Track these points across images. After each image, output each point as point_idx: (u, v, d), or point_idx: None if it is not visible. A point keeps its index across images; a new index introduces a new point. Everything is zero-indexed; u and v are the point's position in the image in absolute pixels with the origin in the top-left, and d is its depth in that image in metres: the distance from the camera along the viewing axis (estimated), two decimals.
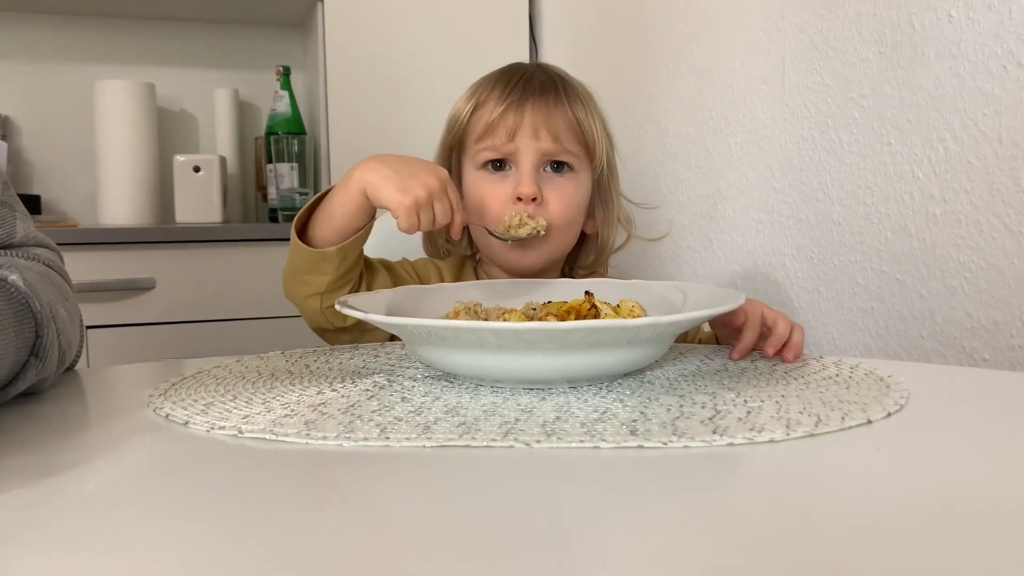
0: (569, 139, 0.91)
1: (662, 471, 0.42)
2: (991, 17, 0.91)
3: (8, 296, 0.55)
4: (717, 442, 0.46)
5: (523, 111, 0.89)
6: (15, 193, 0.72)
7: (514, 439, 0.46)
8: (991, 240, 0.92)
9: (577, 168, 0.92)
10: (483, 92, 0.92)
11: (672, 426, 0.49)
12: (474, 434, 0.47)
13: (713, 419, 0.50)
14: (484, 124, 0.90)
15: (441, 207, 0.80)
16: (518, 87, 0.90)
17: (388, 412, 0.53)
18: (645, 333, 0.57)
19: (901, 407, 0.54)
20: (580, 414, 0.52)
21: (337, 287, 0.83)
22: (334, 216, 0.81)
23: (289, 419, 0.51)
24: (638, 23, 1.57)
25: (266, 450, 0.47)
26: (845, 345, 1.12)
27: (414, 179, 0.79)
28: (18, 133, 1.92)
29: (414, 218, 0.78)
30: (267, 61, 2.05)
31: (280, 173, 1.81)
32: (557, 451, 0.45)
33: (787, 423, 0.49)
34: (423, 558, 0.32)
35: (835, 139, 1.12)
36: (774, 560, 0.31)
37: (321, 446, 0.47)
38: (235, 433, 0.49)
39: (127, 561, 0.32)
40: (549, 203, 0.90)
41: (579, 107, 0.92)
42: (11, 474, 0.43)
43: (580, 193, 0.93)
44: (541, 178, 0.90)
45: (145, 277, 1.56)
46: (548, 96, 0.90)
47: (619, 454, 0.44)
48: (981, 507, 0.37)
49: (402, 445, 0.46)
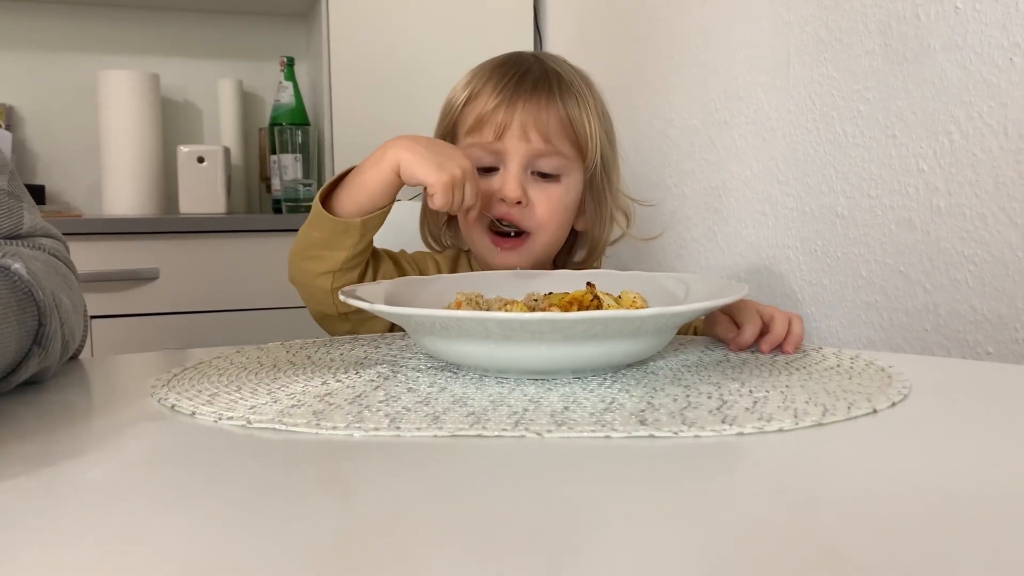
0: (560, 139, 0.90)
1: (672, 460, 0.42)
2: (997, 9, 0.90)
3: (11, 285, 0.55)
4: (727, 431, 0.46)
5: (514, 109, 0.88)
6: (22, 183, 0.72)
7: (524, 429, 0.46)
8: (996, 233, 0.91)
9: (567, 171, 0.91)
10: (478, 83, 0.92)
11: (681, 415, 0.49)
12: (484, 424, 0.47)
13: (721, 408, 0.50)
14: (475, 118, 0.90)
15: (471, 188, 0.82)
16: (511, 83, 0.89)
17: (395, 402, 0.53)
18: (650, 324, 0.57)
19: (905, 396, 0.54)
20: (588, 404, 0.52)
21: (350, 267, 0.84)
22: (361, 191, 0.82)
23: (297, 409, 0.51)
24: (642, 14, 1.56)
25: (274, 440, 0.47)
26: (848, 338, 1.12)
27: (449, 159, 0.81)
28: (22, 123, 1.92)
29: (450, 194, 0.80)
30: (271, 52, 2.05)
31: (284, 164, 1.81)
32: (568, 440, 0.45)
33: (795, 413, 0.49)
34: (435, 547, 0.32)
35: (840, 131, 1.12)
36: (782, 548, 0.31)
37: (331, 436, 0.47)
38: (244, 423, 0.49)
39: (130, 550, 0.32)
40: (535, 206, 0.89)
41: (573, 104, 0.91)
42: (14, 462, 0.43)
43: (568, 196, 0.92)
44: (528, 180, 0.90)
45: (149, 267, 1.56)
46: (540, 94, 0.89)
47: (629, 443, 0.44)
48: (984, 499, 0.37)
49: (413, 435, 0.46)
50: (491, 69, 0.93)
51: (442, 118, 0.96)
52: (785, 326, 0.71)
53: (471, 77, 0.94)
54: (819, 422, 0.48)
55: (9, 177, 0.70)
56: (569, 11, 1.86)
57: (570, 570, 0.30)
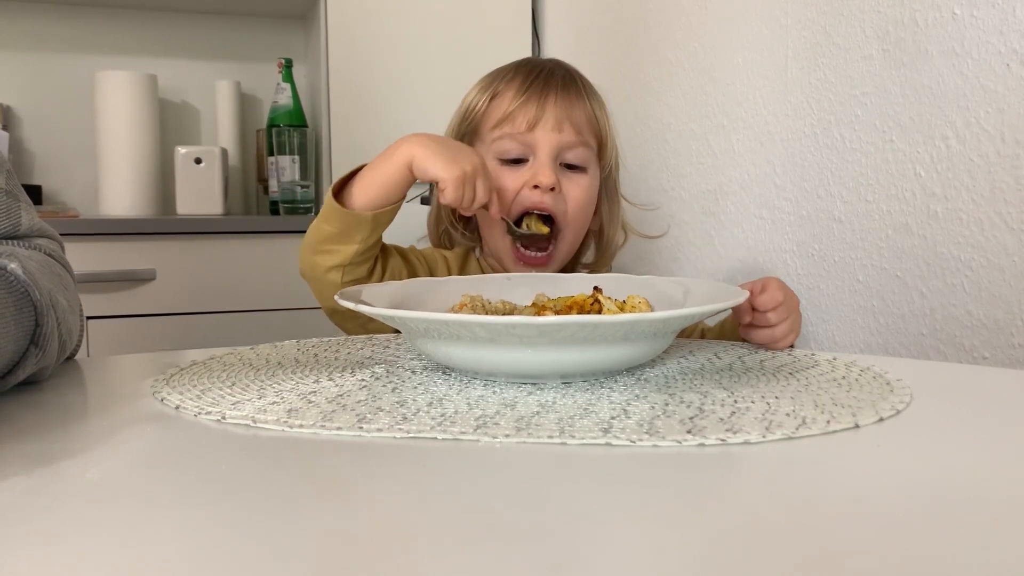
0: (588, 133, 0.93)
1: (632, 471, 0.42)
2: (995, 15, 0.91)
3: (8, 285, 0.55)
4: (732, 440, 0.45)
5: (545, 103, 0.91)
6: (19, 183, 0.72)
7: (484, 433, 0.46)
8: (992, 238, 0.92)
9: (591, 164, 0.94)
10: (500, 83, 0.94)
11: (649, 425, 0.48)
12: (447, 427, 0.47)
13: (732, 416, 0.50)
14: (503, 112, 0.92)
15: (483, 185, 0.83)
16: (539, 79, 0.92)
17: (373, 402, 0.53)
18: (639, 329, 0.56)
19: (906, 404, 0.53)
20: (561, 411, 0.51)
21: (360, 261, 0.85)
22: (373, 185, 0.83)
23: (277, 406, 0.52)
24: (641, 19, 1.56)
25: (246, 436, 0.47)
26: (845, 342, 1.12)
27: (461, 154, 0.82)
28: (20, 123, 1.92)
29: (461, 190, 0.81)
30: (269, 53, 2.05)
31: (281, 166, 1.81)
32: (525, 446, 0.45)
33: (768, 424, 0.49)
34: (435, 547, 0.32)
35: (837, 136, 1.12)
36: (776, 555, 0.31)
37: (299, 434, 0.47)
38: (219, 419, 0.50)
39: (126, 550, 0.32)
40: (568, 193, 0.91)
41: (597, 104, 0.95)
42: (11, 462, 0.43)
43: (592, 190, 0.95)
44: (559, 170, 0.92)
45: (146, 268, 1.56)
46: (570, 90, 0.93)
47: (585, 451, 0.44)
48: (980, 504, 0.37)
49: (372, 435, 0.47)
50: (512, 70, 0.95)
51: (460, 121, 0.97)
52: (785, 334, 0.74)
53: (489, 81, 0.96)
54: (791, 436, 0.47)
55: (6, 176, 0.69)
56: (567, 14, 1.86)
57: (570, 570, 0.30)
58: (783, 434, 0.46)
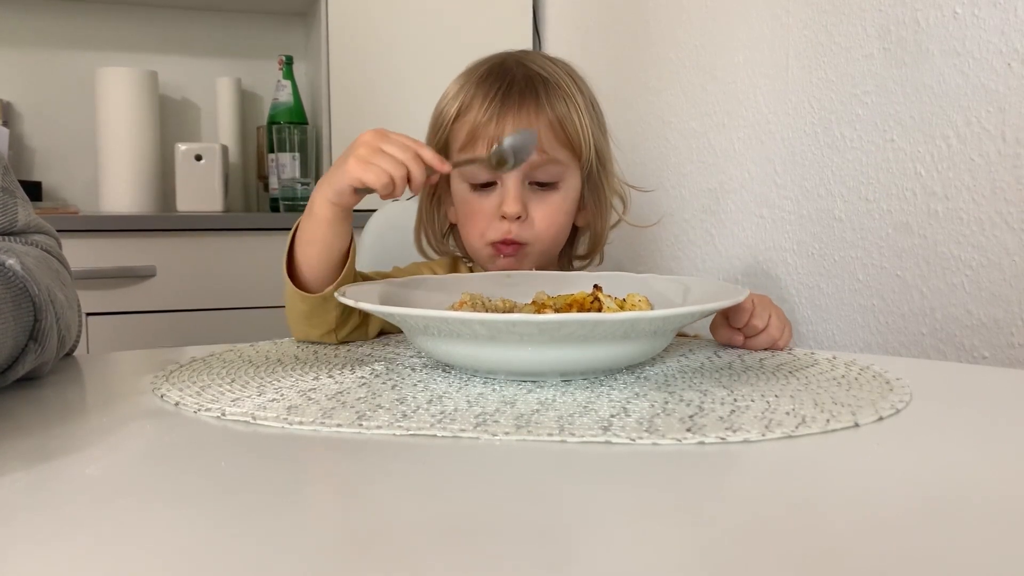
0: (554, 146, 0.89)
1: (636, 467, 0.42)
2: (996, 14, 0.90)
3: (6, 281, 0.55)
4: (731, 438, 0.45)
5: (504, 123, 0.87)
6: (15, 179, 0.72)
7: (483, 430, 0.46)
8: (992, 238, 0.92)
9: (564, 176, 0.90)
10: (466, 96, 0.90)
11: (649, 423, 0.48)
12: (447, 424, 0.47)
13: (732, 414, 0.50)
14: (467, 133, 0.88)
15: (396, 149, 0.73)
16: (498, 96, 0.88)
17: (373, 400, 0.53)
18: (640, 327, 0.56)
19: (907, 403, 0.53)
20: (561, 408, 0.51)
21: (346, 317, 0.80)
22: (314, 240, 0.78)
23: (276, 403, 0.52)
24: (642, 16, 1.56)
25: (245, 433, 0.47)
26: (845, 341, 1.12)
27: (347, 153, 0.75)
28: (20, 119, 1.92)
29: (369, 168, 0.72)
30: (270, 50, 2.05)
31: (282, 163, 1.81)
32: (524, 444, 0.45)
33: (770, 421, 0.49)
34: (435, 547, 0.32)
35: (838, 135, 1.12)
36: (775, 553, 0.31)
37: (297, 431, 0.47)
38: (218, 415, 0.50)
39: (126, 546, 0.32)
40: (534, 220, 0.89)
41: (561, 105, 0.89)
42: (10, 458, 0.43)
43: (567, 202, 0.91)
44: (526, 192, 0.89)
45: (145, 265, 1.56)
46: (528, 104, 0.88)
47: (585, 448, 0.44)
48: (979, 503, 0.37)
49: (372, 433, 0.46)
50: (478, 81, 0.91)
51: (432, 130, 0.94)
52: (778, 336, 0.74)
53: (459, 87, 0.92)
54: (790, 434, 0.47)
55: (2, 173, 0.69)
56: (568, 13, 1.86)
57: (569, 567, 0.30)
58: (783, 433, 0.46)
